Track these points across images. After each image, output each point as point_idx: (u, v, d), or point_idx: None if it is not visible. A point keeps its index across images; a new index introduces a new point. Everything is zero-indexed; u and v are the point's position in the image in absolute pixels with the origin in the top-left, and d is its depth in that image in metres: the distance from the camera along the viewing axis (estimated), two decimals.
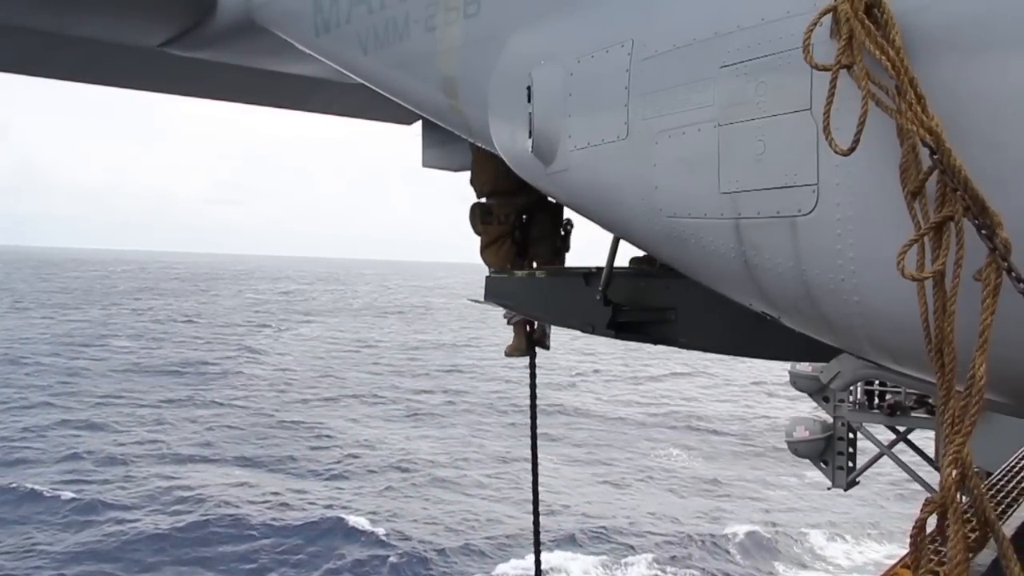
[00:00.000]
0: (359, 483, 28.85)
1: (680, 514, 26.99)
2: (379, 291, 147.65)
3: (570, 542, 24.04)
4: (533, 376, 7.54)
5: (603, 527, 25.28)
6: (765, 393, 49.21)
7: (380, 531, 23.67)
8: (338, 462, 31.30)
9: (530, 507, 7.55)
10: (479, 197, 6.68)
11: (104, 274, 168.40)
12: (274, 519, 24.28)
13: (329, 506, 25.74)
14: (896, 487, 26.29)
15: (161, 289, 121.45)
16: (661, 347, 5.03)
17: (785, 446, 15.14)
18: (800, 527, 26.60)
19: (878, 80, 2.23)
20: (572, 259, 6.63)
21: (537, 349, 7.10)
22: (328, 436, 35.14)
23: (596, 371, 57.21)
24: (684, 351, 5.06)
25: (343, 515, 24.78)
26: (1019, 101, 2.13)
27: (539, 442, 7.68)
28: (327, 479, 29.26)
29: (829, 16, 2.40)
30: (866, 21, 2.28)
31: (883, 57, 2.21)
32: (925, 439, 15.29)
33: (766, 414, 42.48)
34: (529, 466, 7.74)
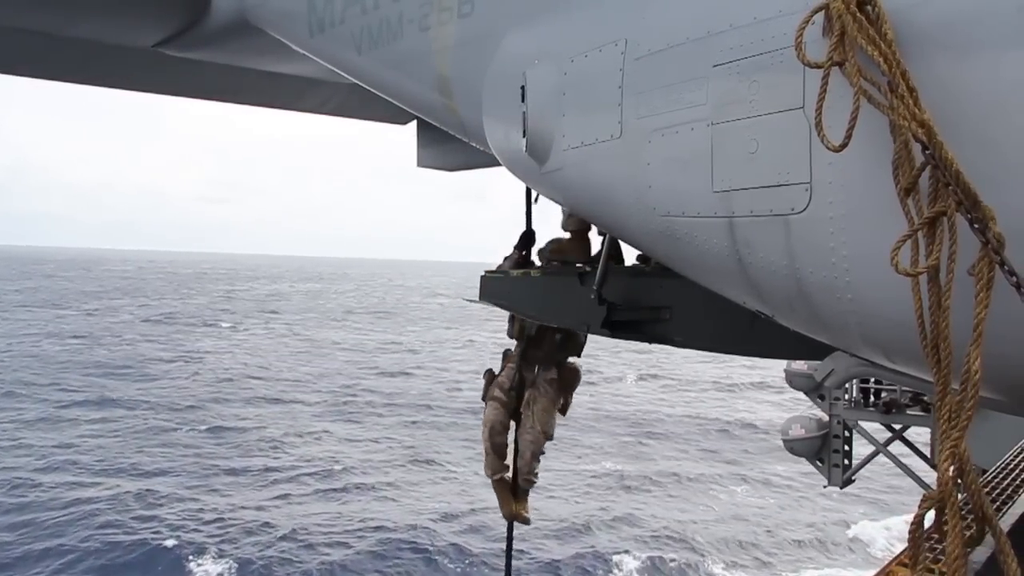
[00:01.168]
0: (257, 486, 27.29)
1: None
2: (358, 290, 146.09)
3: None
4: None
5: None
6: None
7: (275, 534, 22.63)
8: (238, 464, 29.73)
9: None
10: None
11: (81, 274, 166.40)
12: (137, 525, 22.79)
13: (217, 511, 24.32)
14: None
15: (131, 290, 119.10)
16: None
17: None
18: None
19: (870, 77, 2.24)
20: None
21: None
22: (233, 436, 33.74)
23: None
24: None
25: (232, 519, 23.54)
26: (1011, 97, 2.14)
27: None
28: (217, 479, 27.72)
29: (821, 14, 2.40)
30: (858, 17, 2.28)
31: (875, 52, 2.22)
32: (921, 436, 15.32)
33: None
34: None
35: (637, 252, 4.99)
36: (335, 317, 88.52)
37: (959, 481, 2.02)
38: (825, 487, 15.26)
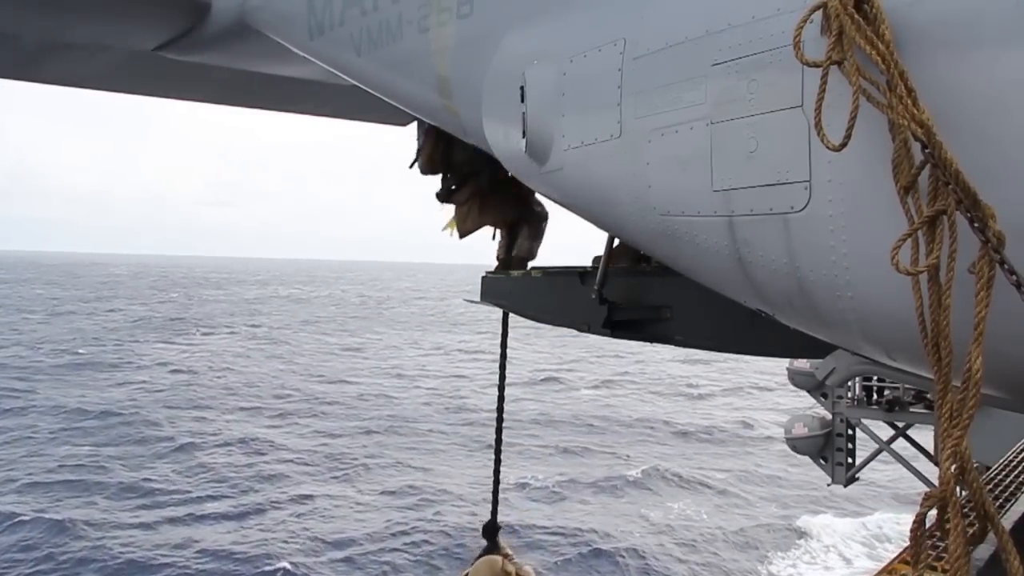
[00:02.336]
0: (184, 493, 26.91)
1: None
2: (340, 294, 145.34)
3: None
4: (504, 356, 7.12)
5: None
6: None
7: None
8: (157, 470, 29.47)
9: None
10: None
11: (65, 279, 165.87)
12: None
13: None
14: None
15: (107, 295, 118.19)
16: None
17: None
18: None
19: (869, 75, 2.24)
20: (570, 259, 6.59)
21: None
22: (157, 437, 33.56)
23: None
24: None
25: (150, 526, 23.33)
26: (1010, 95, 2.14)
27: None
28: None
29: (819, 13, 2.40)
30: (856, 16, 2.28)
31: (873, 52, 2.22)
32: (924, 434, 15.30)
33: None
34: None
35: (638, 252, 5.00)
36: (308, 321, 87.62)
37: (961, 479, 2.02)
38: (829, 485, 15.27)
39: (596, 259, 5.77)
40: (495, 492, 7.10)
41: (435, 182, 6.79)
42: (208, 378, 48.88)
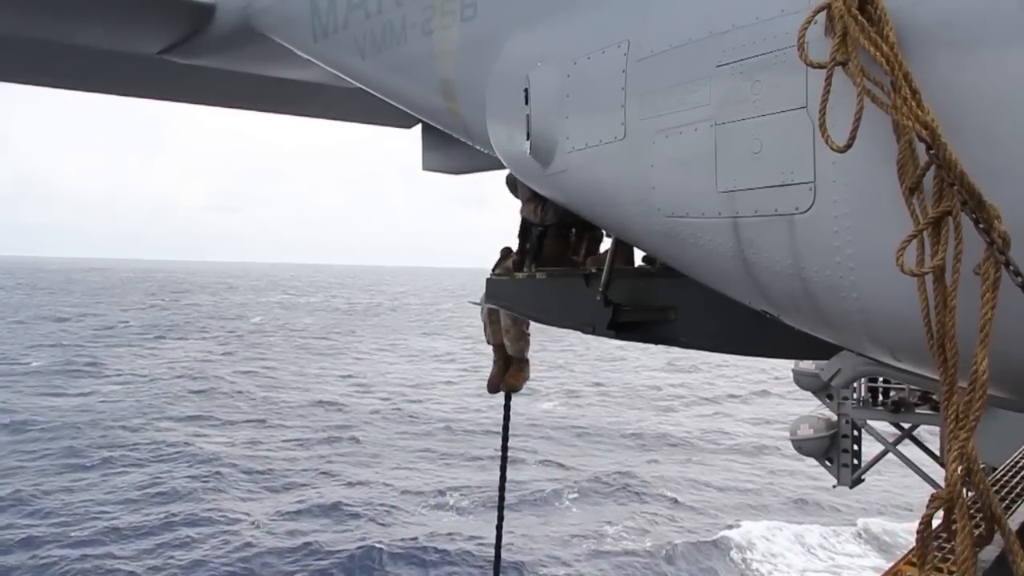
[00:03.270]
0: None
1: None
2: (329, 300, 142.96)
3: None
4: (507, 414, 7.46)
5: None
6: None
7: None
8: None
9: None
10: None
11: (59, 285, 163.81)
12: None
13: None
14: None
15: (90, 302, 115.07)
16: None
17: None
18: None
19: (873, 76, 2.24)
20: None
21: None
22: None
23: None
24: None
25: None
26: (1014, 95, 2.13)
27: None
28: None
29: (823, 14, 2.40)
30: (860, 18, 2.28)
31: (877, 53, 2.22)
32: (931, 435, 15.24)
33: None
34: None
35: (643, 253, 5.00)
36: (286, 326, 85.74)
37: (967, 480, 2.02)
38: (834, 487, 15.23)
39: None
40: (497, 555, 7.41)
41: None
42: (157, 385, 46.56)
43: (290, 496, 27.44)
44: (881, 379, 13.73)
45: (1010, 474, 7.52)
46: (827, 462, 14.89)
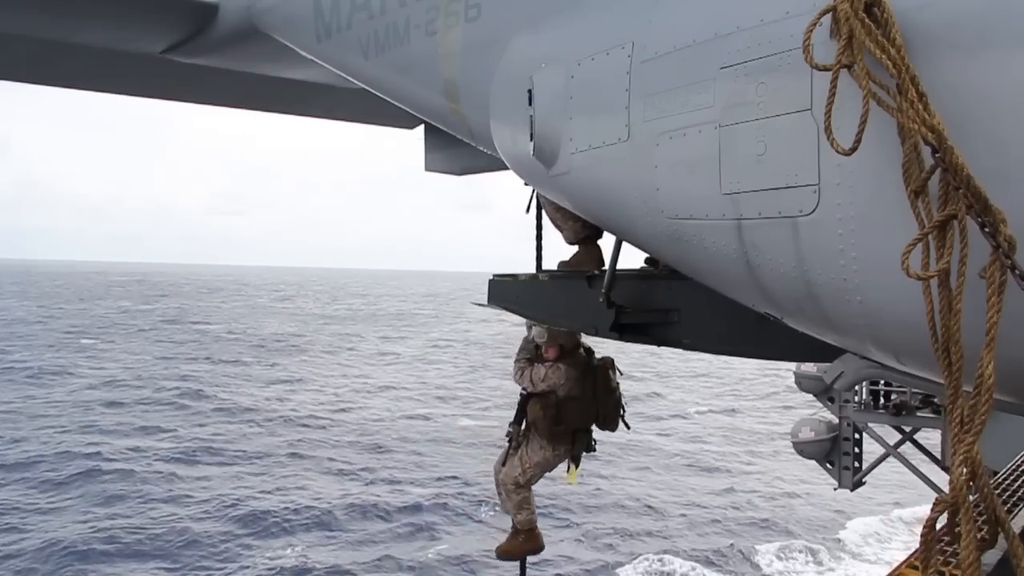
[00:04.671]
0: None
1: None
2: (305, 305, 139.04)
3: None
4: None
5: None
6: None
7: None
8: None
9: None
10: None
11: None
12: None
13: None
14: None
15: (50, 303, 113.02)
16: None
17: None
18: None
19: (879, 79, 2.23)
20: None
21: None
22: None
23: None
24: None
25: None
26: (1020, 98, 2.13)
27: None
28: None
29: (829, 16, 2.40)
30: (866, 20, 2.28)
31: (883, 56, 2.21)
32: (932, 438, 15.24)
33: None
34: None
35: (645, 255, 5.00)
36: (247, 331, 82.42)
37: (972, 484, 2.01)
38: (836, 489, 15.23)
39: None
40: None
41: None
42: (85, 392, 44.12)
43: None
44: (882, 382, 13.73)
45: (1012, 477, 7.51)
46: (828, 465, 14.90)
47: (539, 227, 6.26)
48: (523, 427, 6.23)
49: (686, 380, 55.87)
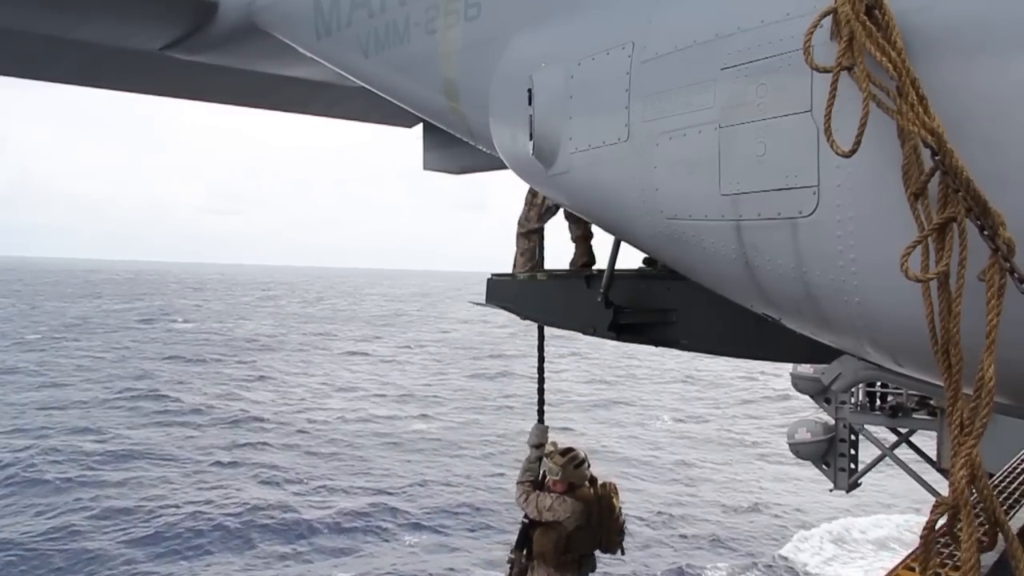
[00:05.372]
0: None
1: None
2: (295, 302, 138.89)
3: None
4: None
5: None
6: None
7: None
8: None
9: None
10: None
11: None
12: None
13: None
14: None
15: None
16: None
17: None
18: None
19: (879, 81, 2.23)
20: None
21: None
22: None
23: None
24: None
25: None
26: (1020, 101, 2.13)
27: None
28: None
29: (829, 18, 2.40)
30: (867, 22, 2.28)
31: (884, 58, 2.21)
32: (927, 440, 15.26)
33: None
34: None
35: (643, 255, 5.00)
36: (212, 332, 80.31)
37: (971, 486, 2.01)
38: (831, 491, 15.25)
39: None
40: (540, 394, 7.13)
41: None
42: (25, 393, 42.52)
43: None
44: (879, 384, 13.76)
45: (1008, 480, 7.53)
46: (824, 466, 14.92)
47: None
48: (524, 553, 6.14)
49: (661, 384, 54.71)
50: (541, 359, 7.17)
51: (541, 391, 7.17)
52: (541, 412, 7.03)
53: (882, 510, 26.13)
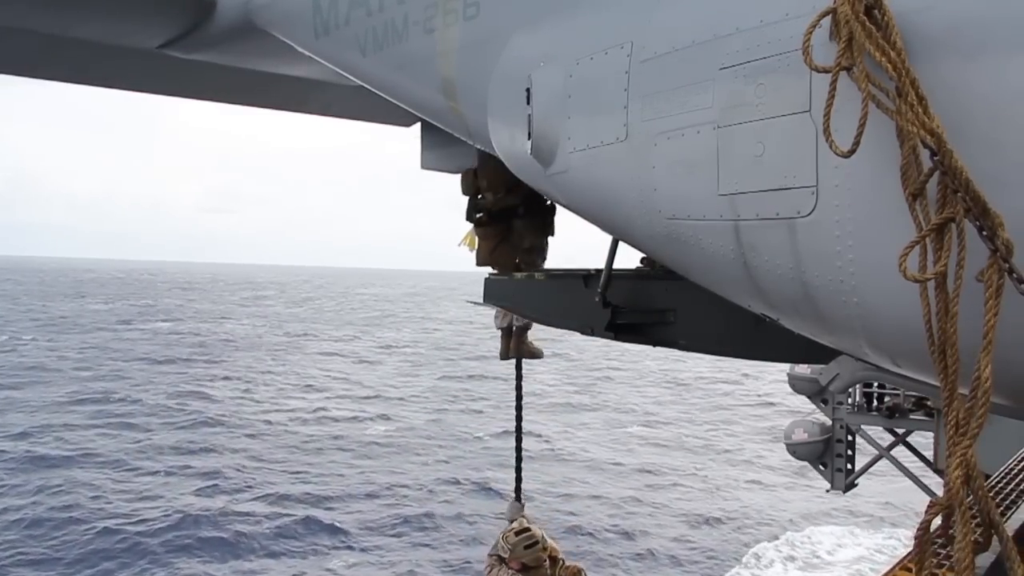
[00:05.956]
0: None
1: None
2: (282, 302, 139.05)
3: None
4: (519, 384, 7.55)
5: None
6: None
7: None
8: None
9: None
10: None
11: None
12: None
13: None
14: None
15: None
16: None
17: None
18: None
19: (878, 82, 2.23)
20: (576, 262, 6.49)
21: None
22: None
23: None
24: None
25: None
26: (1020, 102, 2.13)
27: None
28: None
29: (828, 18, 2.40)
30: (866, 23, 2.28)
31: (883, 59, 2.21)
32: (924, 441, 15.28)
33: None
34: None
35: (642, 255, 5.00)
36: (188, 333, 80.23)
37: (966, 487, 2.01)
38: (828, 491, 15.27)
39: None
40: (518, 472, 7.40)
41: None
42: None
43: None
44: (876, 384, 13.78)
45: (1004, 481, 7.54)
46: (821, 466, 14.94)
47: None
48: None
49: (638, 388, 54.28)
50: (519, 428, 7.49)
51: (519, 468, 7.39)
52: (519, 489, 7.20)
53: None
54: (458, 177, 10.16)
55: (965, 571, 1.90)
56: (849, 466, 14.77)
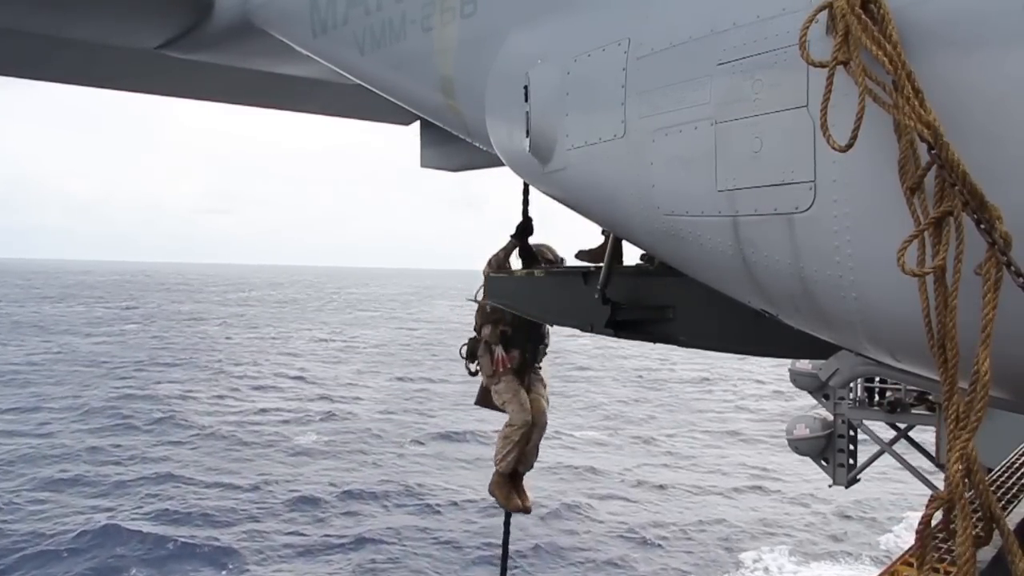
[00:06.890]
0: None
1: None
2: (262, 303, 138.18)
3: None
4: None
5: None
6: None
7: None
8: None
9: None
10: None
11: None
12: None
13: None
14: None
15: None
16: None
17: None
18: None
19: (875, 76, 2.23)
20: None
21: None
22: None
23: None
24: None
25: None
26: (1017, 95, 2.13)
27: None
28: None
29: (825, 12, 2.39)
30: (862, 17, 2.27)
31: (880, 53, 2.21)
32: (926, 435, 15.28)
33: None
34: None
35: (641, 252, 5.00)
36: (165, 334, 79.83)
37: (967, 481, 2.01)
38: (830, 487, 15.27)
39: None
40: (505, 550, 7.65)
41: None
42: None
43: None
44: (877, 379, 13.77)
45: (1006, 475, 7.55)
46: (823, 462, 14.94)
47: (525, 207, 6.42)
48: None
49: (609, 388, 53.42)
50: (507, 534, 7.48)
51: (505, 559, 7.55)
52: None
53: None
54: (458, 175, 10.17)
55: (966, 565, 1.89)
56: (851, 461, 14.77)
